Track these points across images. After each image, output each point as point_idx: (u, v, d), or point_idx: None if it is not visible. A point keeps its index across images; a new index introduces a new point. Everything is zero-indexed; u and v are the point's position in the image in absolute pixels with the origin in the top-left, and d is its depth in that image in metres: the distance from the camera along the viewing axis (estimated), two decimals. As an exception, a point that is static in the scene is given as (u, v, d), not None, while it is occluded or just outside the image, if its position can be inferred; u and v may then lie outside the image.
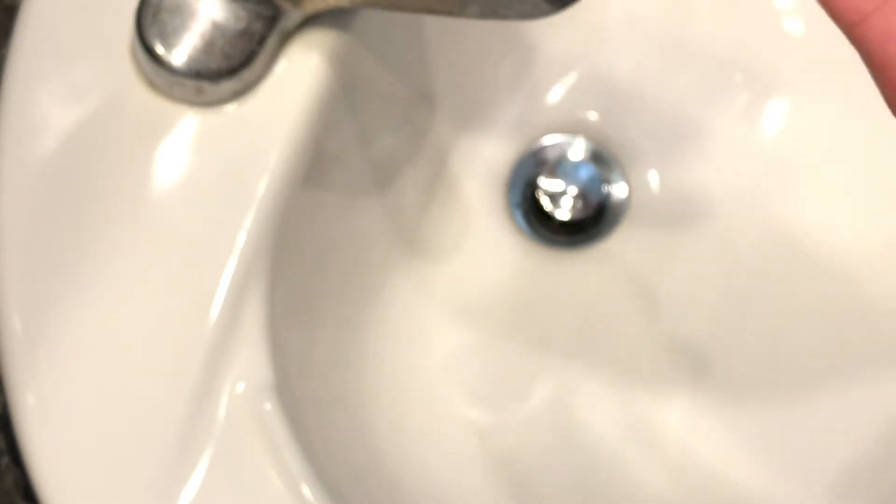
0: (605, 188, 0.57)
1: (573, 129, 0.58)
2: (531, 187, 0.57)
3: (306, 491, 0.41)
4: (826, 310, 0.55)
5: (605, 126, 0.58)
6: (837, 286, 0.55)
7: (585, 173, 0.57)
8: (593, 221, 0.57)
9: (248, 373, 0.42)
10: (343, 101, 0.48)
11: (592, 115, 0.58)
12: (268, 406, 0.42)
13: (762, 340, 0.55)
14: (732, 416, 0.54)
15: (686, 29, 0.58)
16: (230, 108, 0.45)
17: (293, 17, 0.45)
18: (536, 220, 0.57)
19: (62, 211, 0.44)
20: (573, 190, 0.57)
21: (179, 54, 0.44)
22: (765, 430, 0.53)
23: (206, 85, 0.44)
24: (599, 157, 0.58)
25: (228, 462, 0.41)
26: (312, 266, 0.50)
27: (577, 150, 0.58)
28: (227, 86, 0.45)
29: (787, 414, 0.54)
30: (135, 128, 0.45)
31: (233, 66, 0.44)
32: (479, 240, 0.57)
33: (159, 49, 0.44)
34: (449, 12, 0.44)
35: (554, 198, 0.57)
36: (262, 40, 0.45)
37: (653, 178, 0.58)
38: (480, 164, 0.57)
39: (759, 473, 0.53)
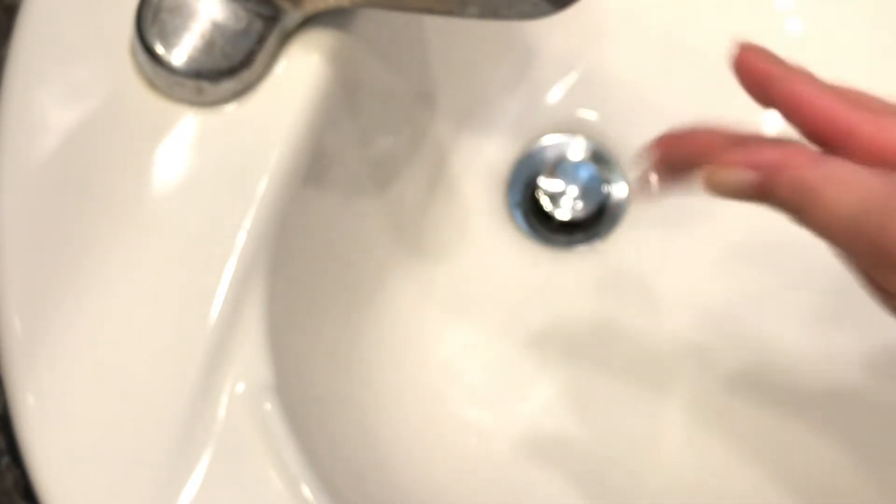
0: (605, 188, 0.57)
1: (573, 128, 0.58)
2: (531, 187, 0.57)
3: (306, 491, 0.41)
4: (826, 310, 0.55)
5: (605, 126, 0.58)
6: (837, 286, 0.55)
7: (585, 173, 0.57)
8: (593, 221, 0.57)
9: (248, 373, 0.42)
10: (343, 101, 0.48)
11: (592, 115, 0.58)
12: (268, 406, 0.42)
13: (762, 340, 0.55)
14: (732, 417, 0.54)
15: (686, 29, 0.58)
16: (230, 108, 0.45)
17: (293, 17, 0.45)
18: (536, 220, 0.57)
19: (62, 211, 0.44)
20: (573, 190, 0.57)
21: (179, 54, 0.44)
22: (764, 431, 0.53)
23: (206, 85, 0.44)
24: (599, 157, 0.58)
25: (228, 462, 0.41)
26: (312, 266, 0.50)
27: (577, 150, 0.58)
28: (227, 86, 0.45)
29: (786, 413, 0.54)
30: (135, 128, 0.45)
31: (233, 66, 0.44)
32: (478, 239, 0.57)
33: (159, 49, 0.44)
34: (449, 12, 0.44)
35: (554, 198, 0.57)
36: (262, 40, 0.45)
37: (653, 178, 0.57)
38: (480, 164, 0.57)
39: (759, 474, 0.53)
